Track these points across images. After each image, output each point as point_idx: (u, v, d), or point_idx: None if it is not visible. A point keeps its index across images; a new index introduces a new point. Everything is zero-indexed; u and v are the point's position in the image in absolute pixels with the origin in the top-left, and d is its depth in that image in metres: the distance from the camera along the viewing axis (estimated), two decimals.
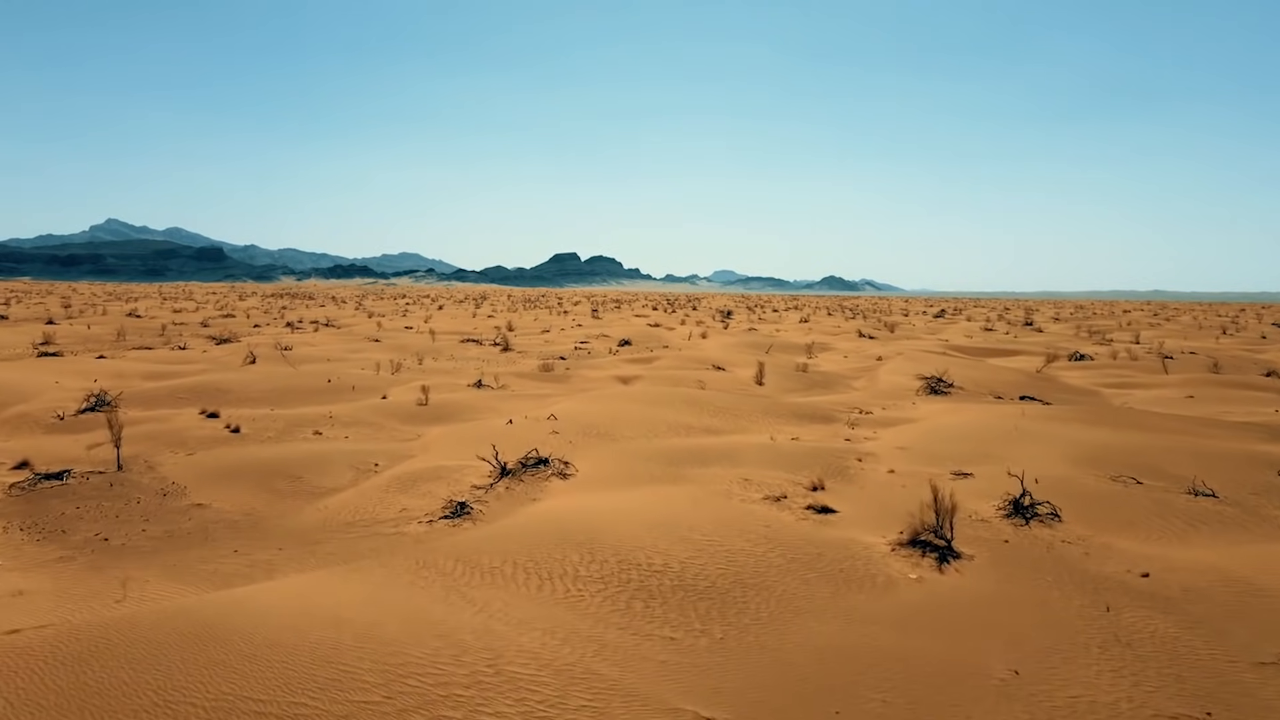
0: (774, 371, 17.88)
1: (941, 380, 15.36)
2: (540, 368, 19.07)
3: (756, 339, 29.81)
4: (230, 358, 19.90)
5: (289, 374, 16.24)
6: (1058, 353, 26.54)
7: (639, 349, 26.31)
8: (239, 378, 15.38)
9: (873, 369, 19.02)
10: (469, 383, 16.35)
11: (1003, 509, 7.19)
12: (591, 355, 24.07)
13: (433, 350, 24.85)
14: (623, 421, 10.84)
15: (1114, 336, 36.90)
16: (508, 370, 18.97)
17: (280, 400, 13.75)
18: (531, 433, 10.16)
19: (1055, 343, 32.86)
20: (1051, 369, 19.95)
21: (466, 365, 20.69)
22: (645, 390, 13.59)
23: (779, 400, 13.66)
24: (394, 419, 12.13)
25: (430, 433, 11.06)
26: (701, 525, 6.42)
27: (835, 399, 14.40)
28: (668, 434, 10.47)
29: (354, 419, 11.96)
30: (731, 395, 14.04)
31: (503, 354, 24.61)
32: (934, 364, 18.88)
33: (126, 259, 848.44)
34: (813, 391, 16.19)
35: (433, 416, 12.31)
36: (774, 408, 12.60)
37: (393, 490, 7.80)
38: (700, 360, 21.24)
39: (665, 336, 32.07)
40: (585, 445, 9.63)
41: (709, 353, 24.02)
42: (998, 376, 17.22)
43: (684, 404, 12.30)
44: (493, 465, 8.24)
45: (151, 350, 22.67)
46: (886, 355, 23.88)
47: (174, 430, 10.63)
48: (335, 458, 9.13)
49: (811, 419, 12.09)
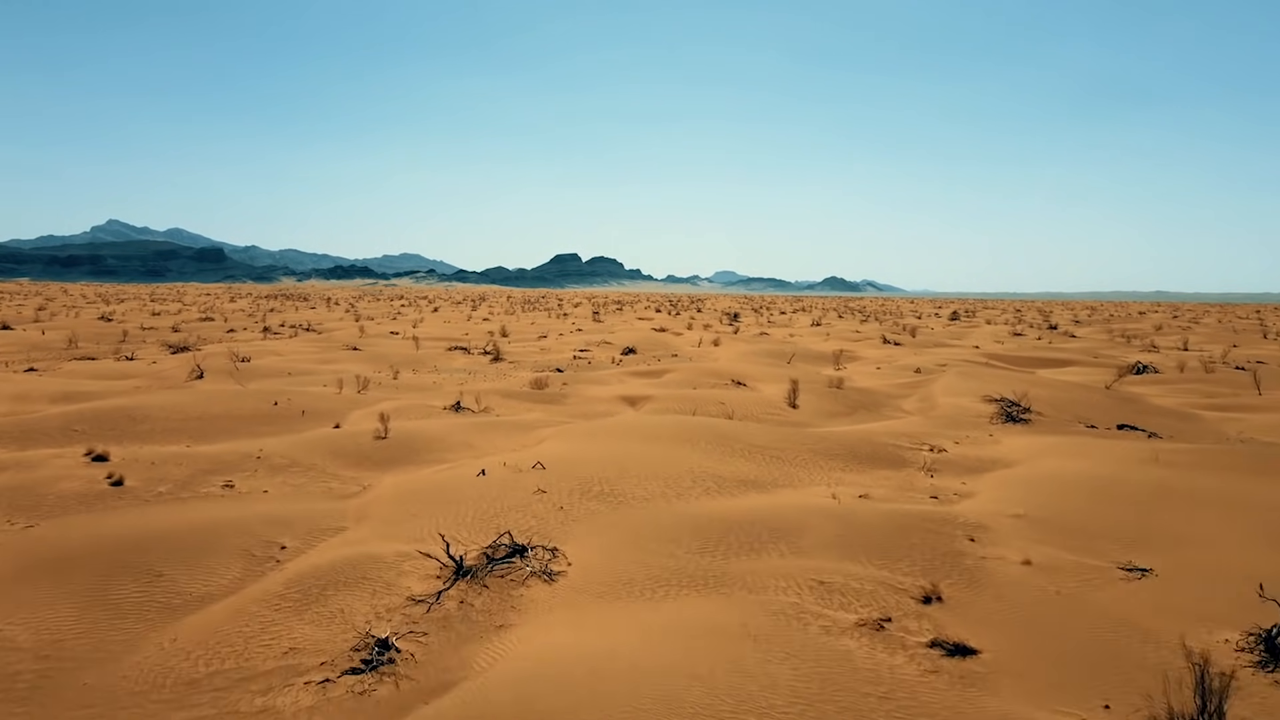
0: (806, 388, 15.18)
1: (1014, 403, 12.67)
2: (532, 383, 16.39)
3: (773, 346, 27.11)
4: (176, 372, 17.23)
5: (232, 395, 13.57)
6: (1111, 361, 23.85)
7: (645, 358, 23.62)
8: (167, 401, 12.71)
9: (920, 385, 16.32)
10: (446, 404, 13.69)
11: (1247, 647, 4.52)
12: (592, 366, 21.40)
13: (415, 360, 22.18)
14: (633, 470, 8.14)
15: (1156, 341, 34.13)
16: (494, 387, 16.30)
17: (204, 432, 11.08)
18: (510, 490, 7.48)
19: (1096, 349, 30.15)
20: (1124, 385, 17.25)
21: (449, 380, 18.01)
22: (658, 420, 10.90)
23: (824, 431, 10.97)
24: (338, 460, 9.45)
25: (378, 485, 8.38)
26: (774, 701, 3.76)
27: (890, 427, 11.70)
28: (694, 490, 7.78)
29: (287, 460, 9.29)
30: (765, 425, 11.37)
31: (492, 364, 21.93)
32: (989, 379, 16.18)
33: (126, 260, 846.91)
34: (858, 415, 13.50)
35: (388, 457, 9.63)
36: (822, 443, 9.91)
37: (288, 606, 5.12)
38: (716, 374, 18.55)
39: (673, 343, 29.37)
40: (582, 513, 6.94)
41: (725, 364, 21.32)
42: (1070, 396, 14.52)
43: (710, 441, 9.61)
44: (444, 562, 5.55)
45: (94, 361, 20.00)
46: (925, 367, 21.18)
47: (34, 483, 7.96)
48: (228, 533, 6.44)
49: (873, 460, 9.40)
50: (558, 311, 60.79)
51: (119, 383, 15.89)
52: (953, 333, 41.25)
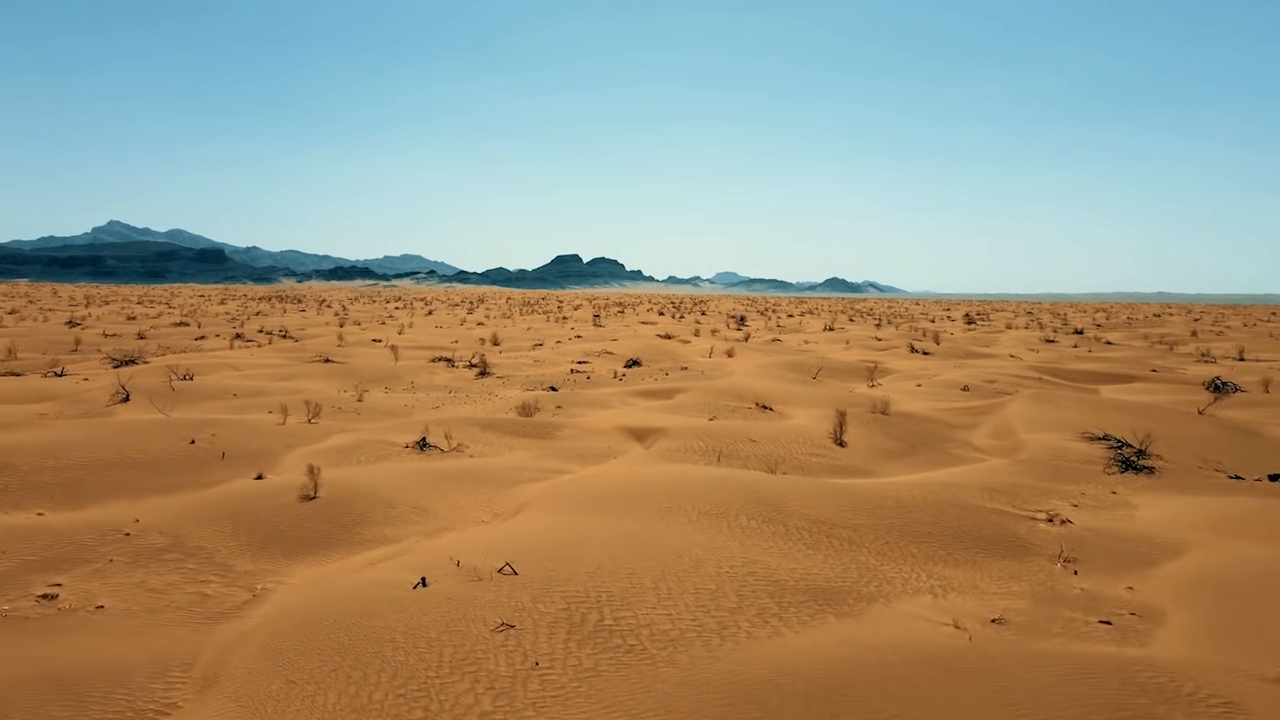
0: (850, 415, 12.50)
1: (1124, 443, 10.00)
2: (519, 408, 13.72)
3: (792, 357, 24.43)
4: (99, 395, 14.56)
5: (145, 429, 10.92)
6: (1175, 376, 21.18)
7: (651, 371, 20.96)
8: (56, 439, 10.06)
9: (984, 412, 13.63)
10: (410, 439, 11.04)
11: None
12: (591, 382, 18.74)
13: (390, 375, 19.53)
14: (649, 578, 5.47)
15: (1209, 349, 31.39)
16: (473, 413, 13.64)
17: (80, 487, 8.42)
18: (458, 624, 4.79)
19: (1143, 358, 27.47)
20: (1219, 409, 14.56)
21: (423, 401, 15.36)
22: (677, 475, 8.21)
23: (893, 488, 8.28)
24: (240, 536, 6.80)
25: (273, 594, 5.72)
26: None
27: (974, 477, 9.03)
28: (744, 614, 5.10)
29: (167, 538, 6.64)
30: (814, 478, 8.70)
31: (478, 379, 19.28)
32: (1068, 405, 13.51)
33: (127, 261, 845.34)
34: (921, 456, 10.83)
35: (308, 533, 6.97)
36: (901, 512, 7.24)
37: None
38: (736, 394, 15.89)
39: (681, 353, 26.70)
40: (572, 677, 4.27)
41: (743, 380, 18.66)
42: (1175, 429, 11.82)
43: (751, 511, 6.95)
44: None
45: (17, 378, 17.35)
46: (973, 384, 18.51)
47: None
48: None
49: (981, 543, 6.72)
50: (557, 315, 58.13)
51: (23, 408, 13.23)
52: (976, 339, 38.56)
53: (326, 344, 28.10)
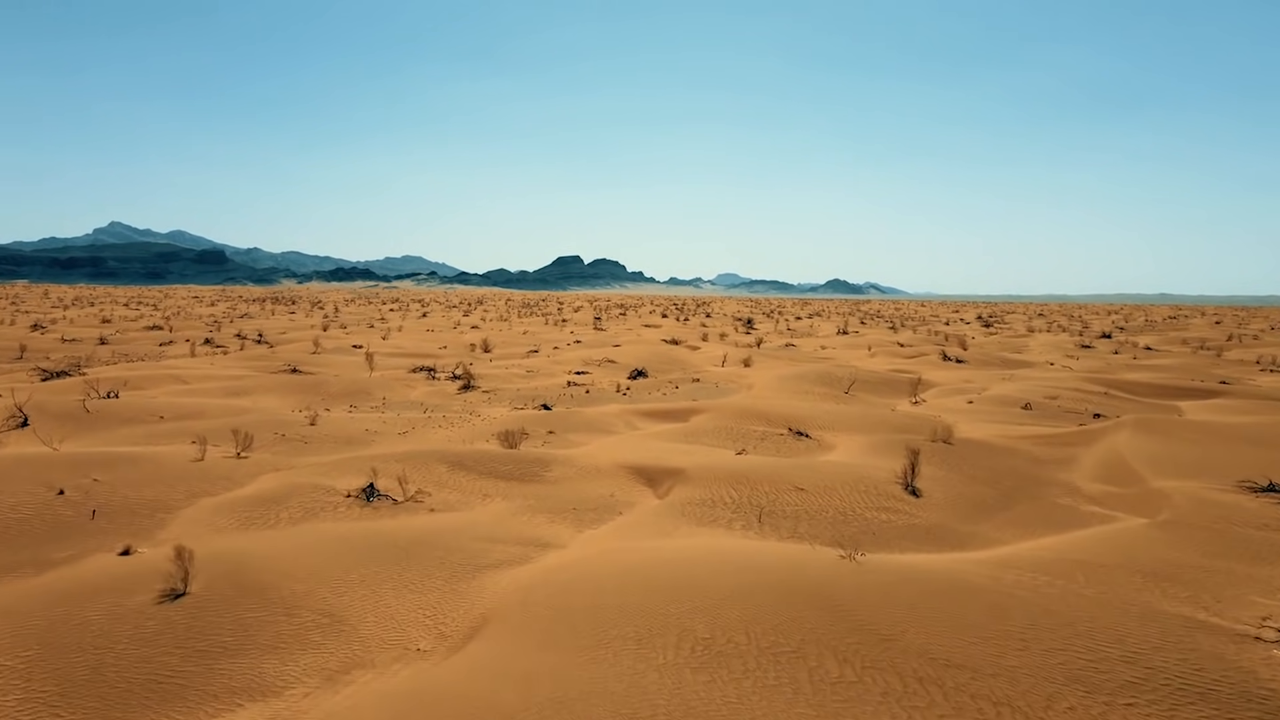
0: (904, 445, 9.94)
1: None
2: (502, 437, 11.15)
3: (817, 367, 21.84)
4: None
5: (9, 469, 8.40)
6: (1246, 389, 18.61)
7: (660, 384, 18.40)
8: None
9: (1080, 444, 11.03)
10: (356, 484, 8.48)
11: None
12: (591, 398, 16.19)
13: (360, 389, 16.99)
14: None
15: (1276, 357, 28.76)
16: (445, 443, 11.09)
17: None
18: None
19: (1197, 366, 24.87)
20: None
21: (390, 424, 12.81)
22: (714, 564, 5.64)
23: (1030, 585, 5.72)
24: (8, 697, 4.29)
25: None
26: None
27: (1112, 552, 6.47)
28: None
29: None
30: (915, 575, 6.14)
31: (460, 394, 16.74)
32: (1185, 436, 10.94)
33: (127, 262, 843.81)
34: (1023, 509, 8.24)
35: (130, 684, 4.42)
36: (1062, 636, 4.71)
37: None
38: (763, 416, 13.33)
39: (690, 360, 24.14)
40: None
41: (766, 396, 16.11)
42: None
43: (839, 652, 4.39)
44: None
45: None
46: (1035, 400, 15.95)
47: None
48: None
49: (1204, 700, 4.18)
50: (556, 317, 55.56)
51: None
52: (1003, 344, 35.89)
53: (301, 350, 25.58)
